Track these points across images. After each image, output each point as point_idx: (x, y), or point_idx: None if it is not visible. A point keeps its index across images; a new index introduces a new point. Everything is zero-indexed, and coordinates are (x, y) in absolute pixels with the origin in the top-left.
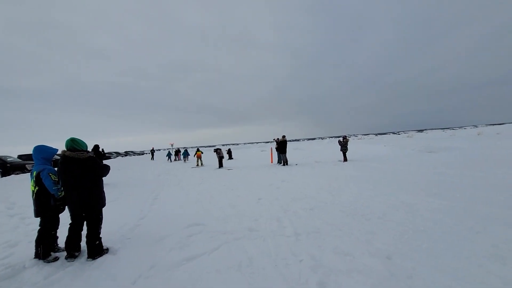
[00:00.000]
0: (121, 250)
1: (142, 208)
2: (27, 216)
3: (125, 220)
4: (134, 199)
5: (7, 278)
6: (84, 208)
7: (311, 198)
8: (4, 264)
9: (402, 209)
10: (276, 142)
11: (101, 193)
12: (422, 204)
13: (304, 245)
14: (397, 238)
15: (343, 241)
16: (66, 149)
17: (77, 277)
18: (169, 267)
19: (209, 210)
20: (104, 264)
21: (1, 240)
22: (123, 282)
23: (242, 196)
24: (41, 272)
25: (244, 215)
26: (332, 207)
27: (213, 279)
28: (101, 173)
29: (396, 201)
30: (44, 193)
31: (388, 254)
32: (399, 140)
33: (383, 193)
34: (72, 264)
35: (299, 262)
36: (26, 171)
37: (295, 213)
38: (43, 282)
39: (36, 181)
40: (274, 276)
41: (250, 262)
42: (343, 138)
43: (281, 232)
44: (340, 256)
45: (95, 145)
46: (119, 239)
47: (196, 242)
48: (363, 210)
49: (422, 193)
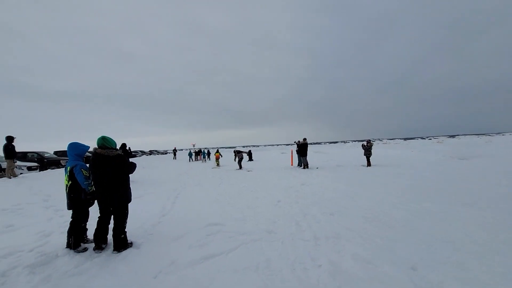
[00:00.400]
0: (144, 245)
1: (164, 206)
2: (61, 208)
3: (148, 217)
4: (157, 196)
5: (42, 264)
6: (111, 203)
7: (331, 202)
8: (39, 251)
9: (428, 218)
10: (297, 144)
11: (128, 189)
12: (451, 213)
13: (323, 250)
14: (423, 248)
15: (364, 248)
16: (97, 147)
17: (103, 268)
18: (188, 264)
19: (228, 210)
20: (128, 257)
21: (37, 230)
22: (144, 276)
23: (261, 198)
24: (72, 261)
25: (262, 217)
26: (353, 213)
27: (230, 279)
28: (128, 170)
29: (422, 209)
30: (76, 187)
31: (413, 265)
32: (428, 145)
33: (408, 200)
34: (99, 256)
35: (317, 267)
36: (61, 166)
37: (314, 217)
38: (73, 270)
39: (69, 175)
40: (291, 279)
41: (267, 264)
42: (367, 142)
43: (299, 235)
44: (361, 263)
45: (123, 143)
46: (142, 234)
47: (214, 242)
48: (385, 217)
49: (452, 202)
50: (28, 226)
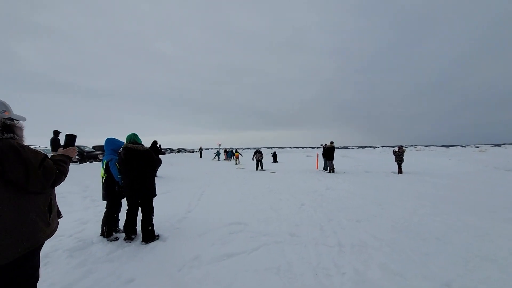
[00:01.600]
0: (170, 239)
1: (190, 202)
2: (97, 199)
3: (174, 211)
4: (183, 193)
5: (79, 249)
6: (138, 196)
7: (358, 208)
8: (77, 237)
9: (466, 232)
10: (323, 148)
11: (153, 184)
12: (494, 229)
13: (348, 257)
14: (460, 264)
15: (393, 259)
16: (128, 142)
17: (132, 258)
18: (211, 260)
19: (251, 210)
20: (155, 249)
21: (76, 217)
22: (169, 268)
23: (285, 200)
24: (104, 248)
25: (285, 219)
26: (381, 221)
27: (250, 278)
28: (154, 165)
29: (460, 222)
30: (111, 180)
31: (447, 281)
32: (469, 154)
33: (444, 212)
34: (129, 245)
35: (341, 274)
36: (98, 160)
37: (339, 222)
38: (105, 257)
39: (105, 169)
40: (313, 285)
41: (289, 267)
42: (398, 148)
43: (323, 241)
44: (388, 275)
45: (154, 140)
46: (168, 228)
47: (236, 240)
48: (417, 228)
49: (495, 216)
50: (68, 213)
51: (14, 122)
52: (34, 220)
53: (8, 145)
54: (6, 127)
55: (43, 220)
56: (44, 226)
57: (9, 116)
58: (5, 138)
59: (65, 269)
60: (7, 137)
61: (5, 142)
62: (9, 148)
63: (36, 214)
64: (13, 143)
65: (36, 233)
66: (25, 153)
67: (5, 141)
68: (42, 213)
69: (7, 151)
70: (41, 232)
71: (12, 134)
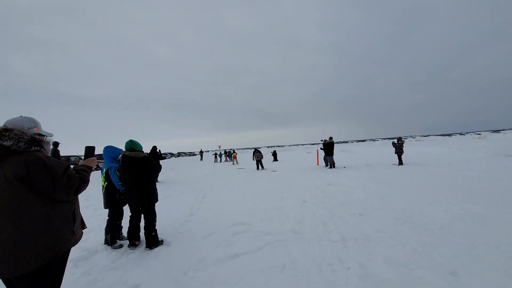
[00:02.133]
0: (174, 243)
1: (192, 205)
2: (99, 207)
3: (177, 216)
4: (185, 196)
5: (83, 259)
6: (139, 202)
7: (360, 203)
8: (81, 247)
9: (470, 220)
10: (322, 143)
11: (154, 189)
12: (498, 215)
13: (352, 252)
14: (464, 252)
15: (397, 250)
16: (125, 150)
17: (137, 264)
18: (216, 262)
19: (253, 210)
20: (159, 254)
21: None
22: (175, 272)
23: (286, 198)
24: (109, 256)
25: (288, 217)
26: (384, 214)
27: (256, 278)
28: (153, 171)
29: (463, 210)
30: (112, 188)
31: (453, 270)
32: (468, 141)
33: (446, 201)
34: (133, 252)
35: (346, 269)
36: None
37: (342, 217)
38: (110, 265)
39: (105, 177)
40: (318, 281)
41: (293, 264)
42: (397, 139)
43: (326, 236)
44: (393, 267)
45: (153, 146)
46: (172, 232)
47: (240, 241)
48: (421, 218)
49: (498, 203)
50: None
51: (42, 137)
52: (59, 228)
53: (36, 157)
54: (34, 141)
55: (67, 229)
56: (69, 234)
57: (37, 131)
58: (33, 151)
59: (71, 279)
60: (34, 150)
61: (32, 154)
62: (37, 160)
63: (61, 222)
64: (40, 155)
65: (61, 241)
66: (51, 164)
67: (32, 153)
68: (67, 222)
69: (35, 162)
70: (66, 240)
71: (39, 147)
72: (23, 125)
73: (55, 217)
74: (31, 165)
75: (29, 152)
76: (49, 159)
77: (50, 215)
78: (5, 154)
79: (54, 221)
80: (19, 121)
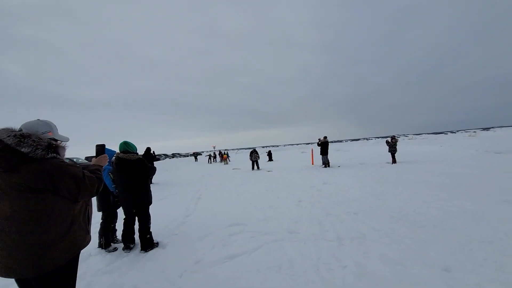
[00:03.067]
0: (169, 245)
1: (188, 207)
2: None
3: (172, 217)
4: (180, 198)
5: None
6: (133, 205)
7: (355, 201)
8: None
9: (463, 217)
10: (317, 143)
11: (148, 192)
12: (489, 212)
13: (348, 250)
14: (458, 249)
15: (392, 248)
16: (119, 151)
17: (132, 267)
18: (212, 263)
19: (249, 210)
20: (154, 256)
21: None
22: (171, 274)
23: (282, 197)
24: (103, 260)
25: (284, 217)
26: (379, 212)
27: (253, 278)
28: (147, 174)
29: (456, 207)
30: (105, 190)
31: (446, 266)
32: (459, 139)
33: (439, 198)
34: (128, 255)
35: (342, 268)
36: None
37: (337, 216)
38: (105, 268)
39: None
40: (315, 280)
41: (290, 264)
42: (391, 138)
43: (322, 235)
44: (389, 265)
45: (147, 147)
46: (167, 234)
47: (237, 241)
48: (415, 216)
49: (489, 199)
50: None
51: (58, 142)
52: (78, 229)
53: (55, 164)
54: (51, 148)
55: (83, 229)
56: (85, 234)
57: (52, 136)
58: (49, 157)
59: None
60: (51, 156)
61: (50, 162)
62: (57, 168)
63: (78, 223)
64: (58, 162)
65: (78, 241)
66: (71, 168)
67: (50, 160)
68: (84, 222)
69: (55, 170)
70: (83, 240)
71: (55, 154)
72: (38, 129)
73: (75, 218)
74: (52, 174)
75: (46, 159)
76: (67, 164)
77: (72, 217)
78: (23, 161)
79: (74, 223)
80: (35, 125)
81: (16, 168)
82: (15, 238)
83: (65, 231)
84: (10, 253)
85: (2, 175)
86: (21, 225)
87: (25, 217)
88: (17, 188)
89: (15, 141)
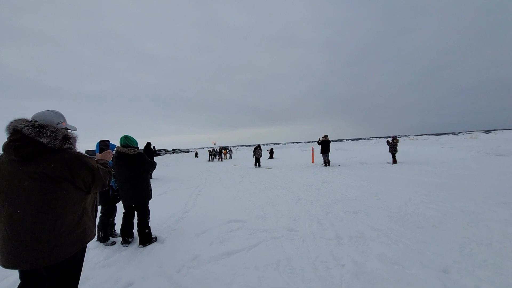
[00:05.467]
0: (168, 240)
1: (187, 203)
2: None
3: (171, 213)
4: (179, 193)
5: None
6: (132, 199)
7: (355, 201)
8: None
9: (462, 218)
10: (317, 142)
11: (148, 187)
12: (489, 214)
13: (346, 249)
14: (456, 250)
15: (390, 248)
16: (120, 146)
17: (130, 261)
18: (210, 259)
19: (248, 207)
20: (152, 251)
21: None
22: (168, 269)
23: (282, 195)
24: (101, 253)
25: (283, 214)
26: (378, 212)
27: (251, 275)
28: (148, 169)
29: (455, 208)
30: None
31: (445, 267)
32: (460, 141)
33: (438, 199)
34: (126, 249)
35: (340, 266)
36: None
37: (336, 215)
38: (103, 262)
39: None
40: (313, 278)
41: (288, 262)
42: (392, 138)
43: (321, 234)
44: (387, 265)
45: (148, 142)
46: (165, 229)
47: (235, 238)
48: (414, 216)
49: (489, 201)
50: None
51: (68, 131)
52: (87, 221)
53: (73, 155)
54: (67, 138)
55: (91, 220)
56: (93, 226)
57: (65, 126)
58: (66, 148)
59: None
60: (67, 147)
61: (67, 152)
62: (75, 158)
63: (87, 214)
64: (76, 153)
65: (87, 232)
66: (87, 160)
67: (67, 151)
68: (92, 214)
69: (74, 160)
70: (91, 232)
71: (70, 144)
72: (53, 119)
73: (86, 209)
74: (71, 165)
75: (64, 150)
76: (84, 155)
77: (83, 208)
78: (41, 151)
79: (84, 214)
80: (48, 115)
81: (34, 158)
82: (29, 228)
83: (76, 222)
84: (24, 243)
85: (19, 164)
86: (36, 214)
87: (41, 206)
88: (35, 177)
89: (34, 131)
